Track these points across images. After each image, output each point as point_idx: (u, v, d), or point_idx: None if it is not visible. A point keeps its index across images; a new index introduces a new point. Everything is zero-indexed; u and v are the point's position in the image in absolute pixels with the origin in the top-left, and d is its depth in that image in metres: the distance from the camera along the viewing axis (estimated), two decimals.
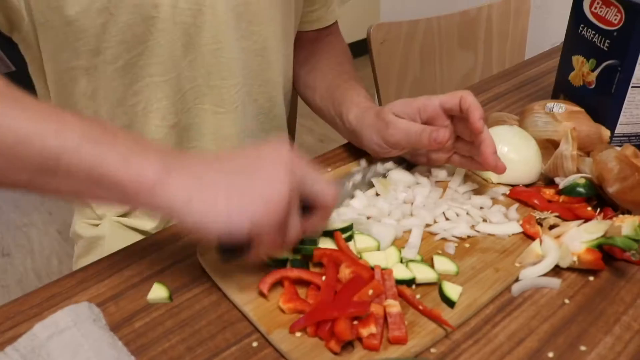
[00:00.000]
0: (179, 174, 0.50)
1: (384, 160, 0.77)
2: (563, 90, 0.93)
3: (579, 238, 0.63)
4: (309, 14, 0.96)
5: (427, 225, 0.68)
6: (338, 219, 0.66)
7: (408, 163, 0.79)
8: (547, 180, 0.77)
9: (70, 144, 0.47)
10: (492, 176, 0.76)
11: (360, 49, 1.43)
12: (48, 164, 0.48)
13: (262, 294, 0.58)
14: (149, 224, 0.87)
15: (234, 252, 0.55)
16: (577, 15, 0.87)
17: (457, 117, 0.71)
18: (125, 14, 0.71)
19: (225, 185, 0.51)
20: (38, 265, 2.00)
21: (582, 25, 0.86)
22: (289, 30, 0.90)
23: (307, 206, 0.57)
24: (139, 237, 0.86)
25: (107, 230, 0.87)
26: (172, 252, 0.66)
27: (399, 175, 0.75)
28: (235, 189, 0.50)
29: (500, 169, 0.69)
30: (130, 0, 0.70)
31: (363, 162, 0.79)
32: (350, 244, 0.63)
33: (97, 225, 0.90)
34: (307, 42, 0.98)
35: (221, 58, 0.80)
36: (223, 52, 0.80)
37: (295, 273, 0.58)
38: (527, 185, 0.76)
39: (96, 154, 0.48)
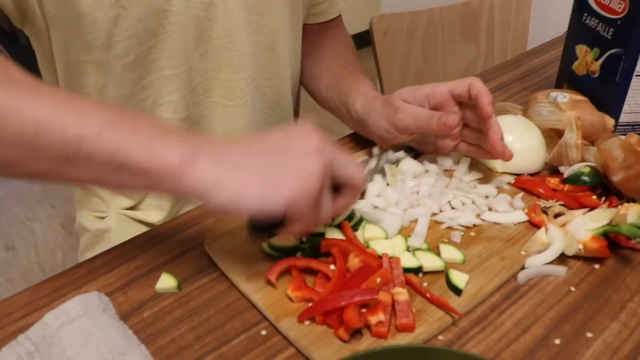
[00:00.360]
0: (207, 155, 0.49)
1: (396, 148, 0.78)
2: (567, 79, 0.93)
3: (584, 226, 0.63)
4: (314, 7, 0.96)
5: (433, 214, 0.69)
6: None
7: (416, 152, 0.79)
8: (552, 169, 0.78)
9: (91, 131, 0.46)
10: (497, 165, 0.77)
11: (362, 40, 1.43)
12: (69, 152, 0.47)
13: (270, 283, 0.58)
14: (155, 217, 0.87)
15: (266, 229, 0.55)
16: (580, 3, 0.87)
17: (465, 104, 0.72)
18: (137, 7, 0.71)
19: (257, 164, 0.50)
20: (42, 258, 2.01)
21: (585, 14, 0.85)
22: (297, 23, 0.90)
23: (336, 186, 0.57)
24: (145, 229, 0.87)
25: (113, 223, 0.87)
26: (180, 242, 0.66)
27: (407, 164, 0.75)
28: (268, 168, 0.50)
29: (507, 156, 0.69)
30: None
31: (375, 150, 0.79)
32: (357, 233, 0.63)
33: (103, 218, 0.90)
34: (311, 35, 0.98)
35: (232, 51, 0.81)
36: (234, 45, 0.80)
37: (303, 262, 0.59)
38: (531, 174, 0.77)
39: (118, 139, 0.47)
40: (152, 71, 0.77)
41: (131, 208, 0.89)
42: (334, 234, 0.62)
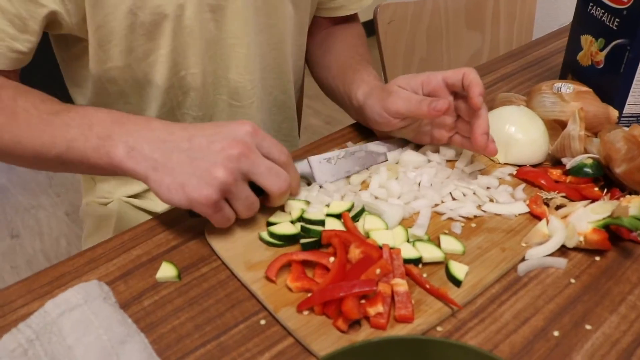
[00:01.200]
0: (137, 154, 0.60)
1: (391, 143, 0.78)
2: (571, 70, 0.92)
3: (585, 218, 0.63)
4: (331, 1, 0.95)
5: (434, 205, 0.68)
6: (341, 199, 0.67)
7: (414, 146, 0.79)
8: (554, 160, 0.77)
9: (63, 149, 0.63)
10: (499, 156, 0.76)
11: (367, 30, 1.41)
12: (57, 163, 0.65)
13: (269, 279, 0.58)
14: (160, 206, 0.88)
15: (196, 213, 0.61)
16: None
17: (459, 96, 0.72)
18: (150, 15, 0.72)
19: (173, 166, 0.59)
20: (47, 246, 2.02)
21: (591, 3, 0.85)
22: (303, 22, 0.90)
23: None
24: (147, 218, 0.87)
25: (116, 210, 0.88)
26: (181, 232, 0.66)
27: (409, 156, 0.75)
28: (180, 171, 0.58)
29: (489, 151, 0.69)
30: (153, 7, 0.71)
31: (350, 144, 0.80)
32: (358, 224, 0.63)
33: (106, 204, 0.90)
34: (324, 25, 0.98)
35: (239, 53, 0.82)
36: (241, 47, 0.81)
37: (301, 256, 0.59)
38: (534, 166, 0.76)
39: (79, 151, 0.62)
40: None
41: (136, 196, 0.89)
42: (335, 225, 0.62)
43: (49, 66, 0.83)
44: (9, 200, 2.23)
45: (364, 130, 0.84)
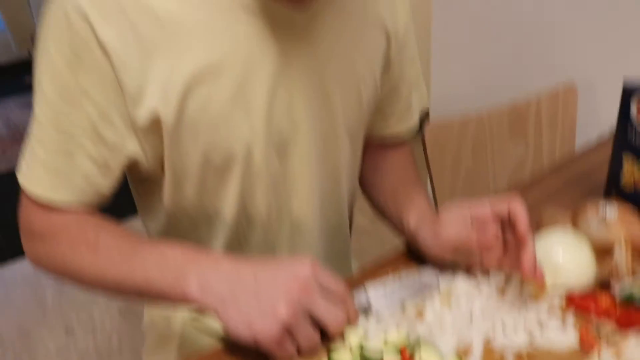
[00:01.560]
0: (209, 290, 0.66)
1: (441, 268, 0.81)
2: (615, 187, 0.94)
3: (639, 351, 0.63)
4: (385, 128, 1.00)
5: (486, 335, 0.70)
6: (396, 331, 0.70)
7: (465, 269, 0.82)
8: (603, 285, 0.78)
9: (141, 284, 0.71)
10: (547, 281, 0.78)
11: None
12: (135, 295, 0.74)
13: None
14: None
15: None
16: (624, 113, 0.89)
17: (506, 223, 0.76)
18: (220, 159, 0.78)
19: (239, 301, 0.65)
20: (99, 343, 2.07)
21: (629, 126, 0.88)
22: (357, 150, 0.95)
23: None
24: (210, 337, 0.91)
25: (180, 327, 0.92)
26: (245, 356, 0.69)
27: (460, 284, 0.78)
28: (245, 305, 0.64)
29: (537, 278, 0.72)
30: (224, 150, 0.77)
31: (403, 273, 0.83)
32: (414, 356, 0.66)
33: (170, 320, 0.94)
34: (374, 148, 1.02)
35: (301, 186, 0.86)
36: (303, 180, 0.86)
37: None
38: (581, 291, 0.77)
39: (155, 287, 0.70)
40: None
41: (198, 313, 0.92)
42: (393, 358, 0.65)
43: (124, 193, 0.90)
44: (65, 296, 2.31)
45: (413, 256, 0.87)
